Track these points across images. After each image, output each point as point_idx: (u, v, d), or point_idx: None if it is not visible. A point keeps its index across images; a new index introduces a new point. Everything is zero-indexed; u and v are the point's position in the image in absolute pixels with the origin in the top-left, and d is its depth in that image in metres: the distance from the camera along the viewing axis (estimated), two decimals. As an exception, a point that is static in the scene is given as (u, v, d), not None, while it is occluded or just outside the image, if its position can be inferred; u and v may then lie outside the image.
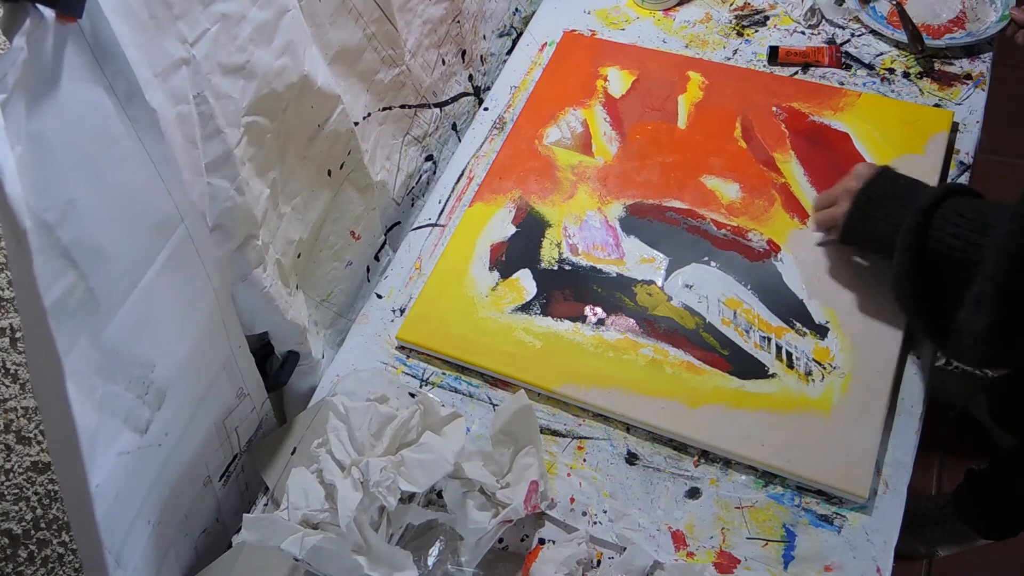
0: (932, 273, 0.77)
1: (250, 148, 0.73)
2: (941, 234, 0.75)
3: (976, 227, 0.73)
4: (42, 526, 0.79)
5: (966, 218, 0.74)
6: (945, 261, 0.75)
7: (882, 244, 0.82)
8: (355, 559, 0.69)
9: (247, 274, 0.76)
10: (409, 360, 0.93)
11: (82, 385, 0.57)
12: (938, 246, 0.75)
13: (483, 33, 1.17)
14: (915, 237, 0.76)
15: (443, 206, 1.05)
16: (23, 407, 0.75)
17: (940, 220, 0.75)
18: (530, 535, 0.80)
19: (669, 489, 0.82)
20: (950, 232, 0.74)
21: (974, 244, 0.72)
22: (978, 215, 0.74)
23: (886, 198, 0.82)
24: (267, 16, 0.71)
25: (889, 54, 1.12)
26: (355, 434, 0.74)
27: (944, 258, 0.75)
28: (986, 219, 0.73)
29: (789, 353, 0.87)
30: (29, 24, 0.49)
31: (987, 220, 0.72)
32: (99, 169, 0.56)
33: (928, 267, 0.77)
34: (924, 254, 0.76)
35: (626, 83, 1.12)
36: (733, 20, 1.19)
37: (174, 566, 0.76)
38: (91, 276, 0.57)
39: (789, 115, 1.06)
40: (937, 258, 0.76)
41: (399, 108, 0.99)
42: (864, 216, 0.83)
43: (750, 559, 0.77)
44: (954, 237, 0.74)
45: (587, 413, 0.87)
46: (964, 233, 0.73)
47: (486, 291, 0.95)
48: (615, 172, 1.04)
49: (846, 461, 0.79)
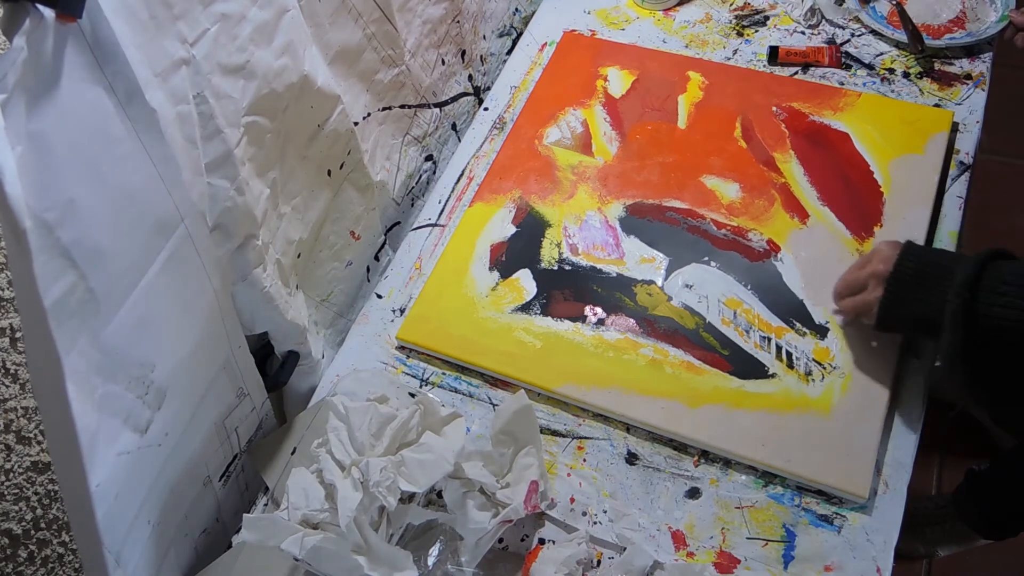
0: (988, 350, 0.73)
1: (250, 148, 0.73)
2: (992, 308, 0.71)
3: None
4: (42, 526, 0.79)
5: (1014, 285, 0.70)
6: (1000, 332, 0.71)
7: (925, 326, 0.77)
8: (355, 559, 0.69)
9: (247, 274, 0.76)
10: (409, 360, 0.93)
11: (82, 385, 0.57)
12: (990, 320, 0.71)
13: (483, 33, 1.17)
14: (965, 316, 0.72)
15: (443, 206, 1.05)
16: (23, 407, 0.75)
17: (987, 293, 0.71)
18: (530, 535, 0.80)
19: (669, 489, 0.82)
20: (1001, 303, 0.70)
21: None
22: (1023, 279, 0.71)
23: (920, 278, 0.77)
24: (267, 16, 0.71)
25: (889, 54, 1.12)
26: (355, 434, 0.74)
27: (998, 330, 0.71)
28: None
29: (789, 353, 0.87)
30: (29, 24, 0.49)
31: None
32: (99, 169, 0.56)
33: (982, 345, 0.72)
34: (975, 331, 0.72)
35: (626, 83, 1.12)
36: (733, 20, 1.19)
37: (174, 566, 0.76)
38: (91, 276, 0.57)
39: (789, 115, 1.06)
40: (990, 335, 0.72)
41: (399, 108, 0.99)
42: (900, 301, 0.78)
43: (750, 559, 0.77)
44: (1006, 308, 0.70)
45: (587, 413, 0.87)
46: (1016, 302, 0.70)
47: (486, 291, 0.95)
48: (615, 172, 1.04)
49: (846, 461, 0.79)
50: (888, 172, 0.98)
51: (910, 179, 0.97)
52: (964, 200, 0.97)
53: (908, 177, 0.97)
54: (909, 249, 0.79)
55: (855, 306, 0.84)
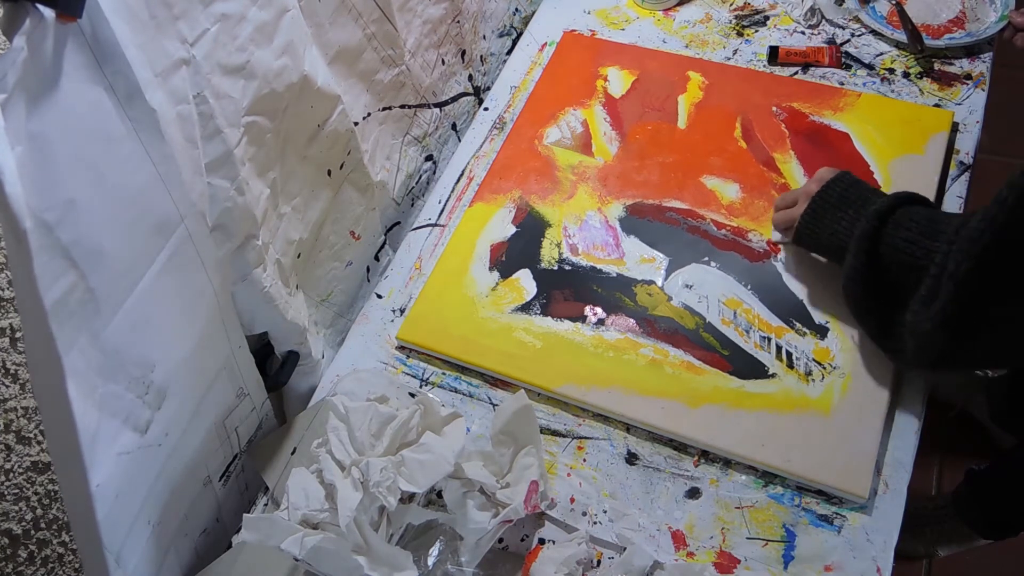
0: (881, 277, 0.78)
1: (250, 148, 0.73)
2: (893, 239, 0.76)
3: (928, 233, 0.74)
4: (42, 526, 0.79)
5: (919, 224, 0.75)
6: (895, 265, 0.77)
7: (833, 247, 0.83)
8: (355, 559, 0.69)
9: (247, 274, 0.76)
10: (409, 360, 0.93)
11: (82, 385, 0.57)
12: (889, 251, 0.77)
13: (483, 33, 1.17)
14: (868, 241, 0.77)
15: (443, 206, 1.05)
16: (23, 407, 0.75)
17: (893, 226, 0.77)
18: (530, 535, 0.80)
19: (669, 489, 0.82)
20: (902, 236, 0.76)
21: (924, 249, 0.74)
22: (931, 222, 0.75)
23: (841, 202, 0.83)
24: (267, 16, 0.71)
25: (889, 54, 1.12)
26: (355, 434, 0.74)
27: (894, 262, 0.76)
28: (938, 226, 0.74)
29: (789, 353, 0.87)
30: (29, 24, 0.49)
31: (939, 227, 0.74)
32: (99, 169, 0.56)
33: (878, 271, 0.78)
34: (875, 258, 0.78)
35: (626, 83, 1.12)
36: (733, 20, 1.19)
37: (174, 566, 0.76)
38: (91, 276, 0.57)
39: (789, 115, 1.06)
40: (887, 262, 0.77)
41: (399, 108, 0.99)
42: (818, 219, 0.84)
43: (750, 559, 0.77)
44: (905, 241, 0.75)
45: (587, 413, 0.87)
46: (916, 238, 0.75)
47: (486, 291, 0.95)
48: (615, 172, 1.04)
49: (846, 461, 0.79)
50: (888, 172, 0.98)
51: (910, 179, 0.97)
52: (964, 200, 0.97)
53: (908, 177, 0.97)
54: (841, 176, 0.85)
55: (782, 219, 0.92)
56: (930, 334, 0.71)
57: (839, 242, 0.81)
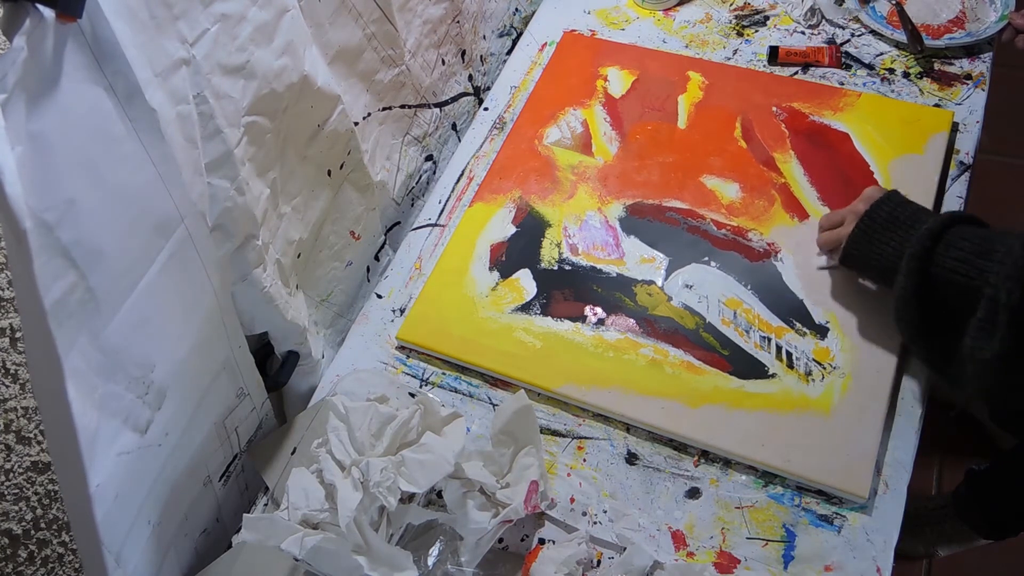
0: (933, 299, 0.76)
1: (250, 148, 0.73)
2: (945, 259, 0.74)
3: (981, 252, 0.72)
4: (42, 526, 0.79)
5: (971, 243, 0.73)
6: (948, 287, 0.74)
7: (882, 269, 0.81)
8: (355, 559, 0.69)
9: (247, 274, 0.76)
10: (409, 360, 0.93)
11: (82, 385, 0.57)
12: (942, 271, 0.74)
13: (483, 33, 1.17)
14: (920, 261, 0.75)
15: (443, 206, 1.05)
16: (23, 407, 0.75)
17: (945, 246, 0.74)
18: (530, 535, 0.80)
19: (669, 489, 0.82)
20: (954, 256, 0.73)
21: (977, 269, 0.72)
22: (984, 241, 0.73)
23: (891, 222, 0.80)
24: (267, 16, 0.71)
25: (889, 54, 1.12)
26: (355, 434, 0.74)
27: (947, 284, 0.74)
28: (992, 245, 0.72)
29: (789, 353, 0.87)
30: (29, 24, 0.49)
31: (993, 246, 0.72)
32: (99, 169, 0.56)
33: (930, 293, 0.76)
34: (927, 279, 0.75)
35: (626, 83, 1.12)
36: (733, 20, 1.19)
37: (174, 566, 0.76)
38: (91, 276, 0.57)
39: (789, 115, 1.06)
40: (939, 284, 0.75)
41: (399, 108, 0.99)
42: (867, 239, 0.82)
43: (750, 559, 0.77)
44: (958, 261, 0.73)
45: (587, 413, 0.87)
46: (968, 258, 0.72)
47: (486, 291, 0.95)
48: (615, 172, 1.04)
49: (846, 461, 0.79)
50: (888, 172, 0.98)
51: (910, 179, 0.97)
52: (964, 200, 0.97)
53: (908, 177, 0.97)
54: (891, 195, 0.83)
55: (828, 240, 0.89)
56: (992, 363, 0.69)
57: (889, 263, 0.79)
